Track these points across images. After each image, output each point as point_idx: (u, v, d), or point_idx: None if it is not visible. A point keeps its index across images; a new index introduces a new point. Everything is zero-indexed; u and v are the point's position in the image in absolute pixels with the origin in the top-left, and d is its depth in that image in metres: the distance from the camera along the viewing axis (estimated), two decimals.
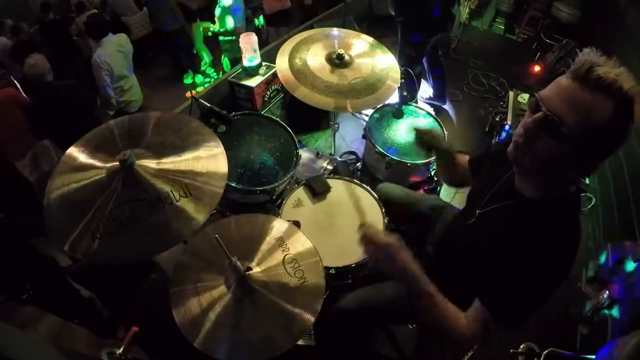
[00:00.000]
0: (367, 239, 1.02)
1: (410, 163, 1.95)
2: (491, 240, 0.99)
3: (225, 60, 4.29)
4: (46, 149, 2.99)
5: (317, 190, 1.76)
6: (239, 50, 2.60)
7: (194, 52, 4.94)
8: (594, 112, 0.77)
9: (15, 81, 3.13)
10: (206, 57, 5.06)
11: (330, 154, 2.50)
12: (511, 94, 3.04)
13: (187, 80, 4.88)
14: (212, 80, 4.84)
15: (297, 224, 1.41)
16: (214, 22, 4.11)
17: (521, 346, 1.58)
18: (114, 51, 3.10)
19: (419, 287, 0.98)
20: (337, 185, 1.81)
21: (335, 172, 2.24)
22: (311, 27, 3.48)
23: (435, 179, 2.22)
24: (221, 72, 4.65)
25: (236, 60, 3.96)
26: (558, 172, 0.88)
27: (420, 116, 2.23)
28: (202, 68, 5.02)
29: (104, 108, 3.32)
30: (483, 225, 1.09)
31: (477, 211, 1.12)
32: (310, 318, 1.07)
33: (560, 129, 0.79)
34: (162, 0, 4.29)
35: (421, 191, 2.19)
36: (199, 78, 4.92)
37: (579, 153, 0.81)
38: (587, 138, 0.79)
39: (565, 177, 0.91)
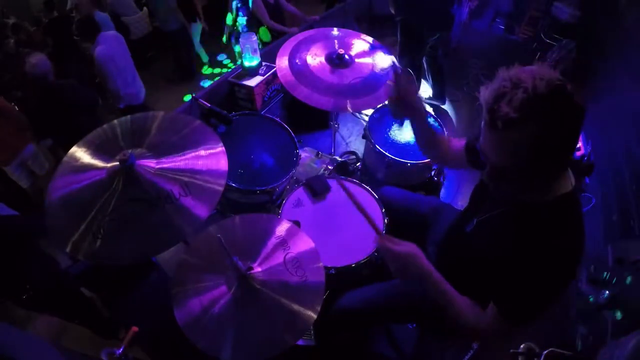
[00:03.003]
0: (384, 249, 1.06)
1: (410, 163, 1.95)
2: (492, 246, 1.00)
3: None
4: (35, 155, 2.99)
5: (317, 190, 1.76)
6: None
7: (194, 51, 4.95)
8: (522, 144, 0.78)
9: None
10: (203, 57, 5.06)
11: (330, 154, 2.51)
12: None
13: (206, 70, 5.10)
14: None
15: (297, 224, 1.41)
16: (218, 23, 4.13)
17: (521, 346, 1.58)
18: (113, 44, 3.11)
19: (436, 288, 1.03)
20: (337, 185, 1.81)
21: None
22: (311, 27, 3.48)
23: (435, 179, 2.22)
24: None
25: None
26: (539, 185, 0.90)
27: None
28: (202, 68, 5.04)
29: (115, 103, 3.32)
30: (483, 231, 1.09)
31: (475, 220, 1.12)
32: (311, 317, 1.08)
33: (506, 172, 0.85)
34: (163, 0, 4.28)
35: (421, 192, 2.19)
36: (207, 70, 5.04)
37: (541, 170, 0.84)
38: (535, 160, 0.80)
39: (548, 182, 0.91)
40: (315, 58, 1.98)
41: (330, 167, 2.26)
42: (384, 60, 2.04)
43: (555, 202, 0.91)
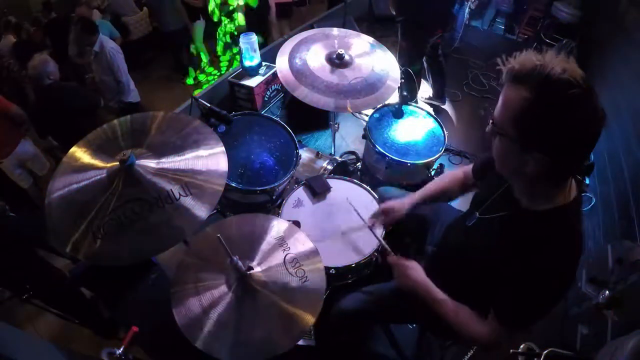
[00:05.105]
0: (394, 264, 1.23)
1: (410, 163, 1.95)
2: (489, 248, 1.00)
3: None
4: (35, 155, 2.99)
5: (317, 190, 1.76)
6: None
7: (194, 51, 4.95)
8: (510, 102, 0.83)
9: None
10: (204, 57, 5.06)
11: (330, 154, 2.50)
12: None
13: (189, 81, 4.89)
14: (215, 77, 4.88)
15: (297, 224, 1.41)
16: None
17: (521, 346, 1.58)
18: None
19: (430, 296, 1.10)
20: (337, 185, 1.81)
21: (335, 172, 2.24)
22: (311, 27, 3.49)
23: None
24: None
25: None
26: (531, 178, 0.88)
27: (420, 116, 2.23)
28: (202, 66, 5.04)
29: (121, 98, 3.35)
30: (482, 231, 1.09)
31: (477, 214, 1.12)
32: (310, 318, 1.07)
33: (492, 125, 0.89)
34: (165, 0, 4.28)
35: None
36: (201, 77, 4.93)
37: (527, 147, 0.83)
38: (518, 129, 0.83)
39: (546, 186, 0.90)
40: (315, 58, 1.98)
41: (330, 167, 2.25)
42: (383, 60, 2.04)
43: (553, 211, 0.91)
